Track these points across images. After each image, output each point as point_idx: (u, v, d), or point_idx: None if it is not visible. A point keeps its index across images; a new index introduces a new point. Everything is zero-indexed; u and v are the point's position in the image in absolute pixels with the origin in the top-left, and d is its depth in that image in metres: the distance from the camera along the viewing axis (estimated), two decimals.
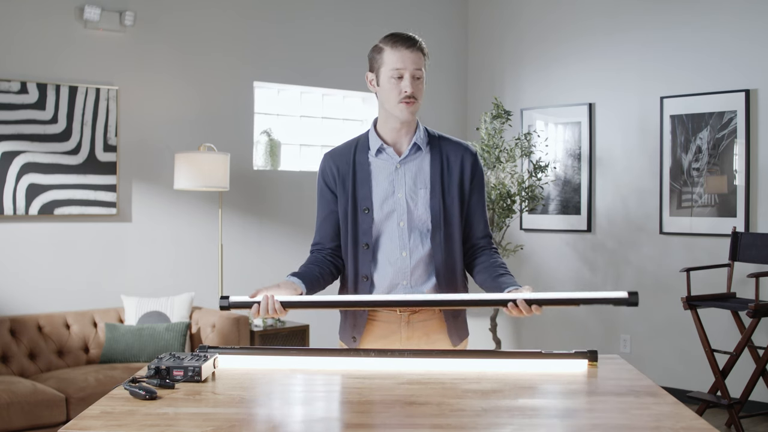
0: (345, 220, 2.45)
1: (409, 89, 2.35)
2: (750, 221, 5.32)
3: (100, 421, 1.67)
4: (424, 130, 2.47)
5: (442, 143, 2.47)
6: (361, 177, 2.43)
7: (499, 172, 5.61)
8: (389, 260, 2.42)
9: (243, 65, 5.66)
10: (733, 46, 5.40)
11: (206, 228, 5.47)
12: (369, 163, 2.44)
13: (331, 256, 2.49)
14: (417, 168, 2.44)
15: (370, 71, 2.44)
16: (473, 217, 2.48)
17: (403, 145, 2.45)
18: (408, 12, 6.47)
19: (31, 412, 4.04)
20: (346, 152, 2.48)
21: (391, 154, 2.44)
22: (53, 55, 4.92)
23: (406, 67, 2.35)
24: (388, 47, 2.37)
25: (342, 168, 2.46)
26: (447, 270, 2.43)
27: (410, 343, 2.44)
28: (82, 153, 4.98)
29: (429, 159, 2.44)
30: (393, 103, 2.38)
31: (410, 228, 2.42)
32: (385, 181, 2.43)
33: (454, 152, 2.46)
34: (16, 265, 4.80)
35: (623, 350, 5.91)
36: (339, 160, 2.47)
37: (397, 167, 2.43)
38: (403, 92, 2.35)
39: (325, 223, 2.49)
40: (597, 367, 2.14)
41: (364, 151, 2.46)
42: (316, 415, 1.79)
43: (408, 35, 2.38)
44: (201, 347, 2.19)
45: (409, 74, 2.35)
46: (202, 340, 4.91)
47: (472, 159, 2.47)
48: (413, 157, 2.44)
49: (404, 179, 2.43)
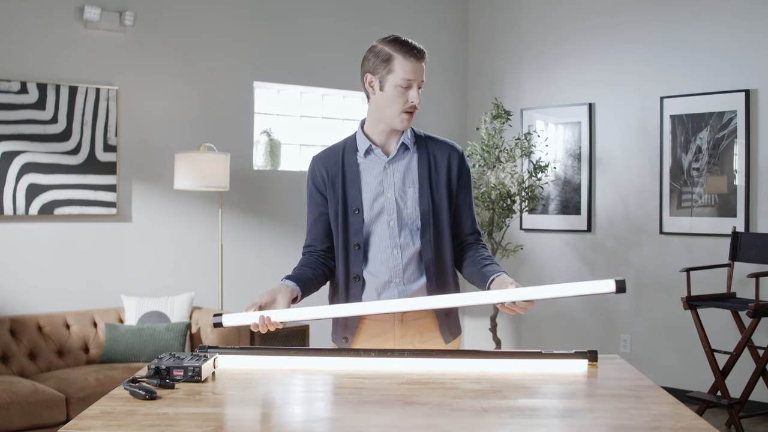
0: (336, 222, 2.46)
1: (416, 100, 2.36)
2: (750, 221, 5.32)
3: (100, 421, 1.67)
4: (410, 130, 2.48)
5: (428, 143, 2.49)
6: (351, 178, 2.45)
7: (499, 172, 5.61)
8: (381, 259, 2.43)
9: (243, 65, 5.66)
10: (733, 46, 5.40)
11: (206, 228, 5.48)
12: (358, 164, 2.46)
13: (323, 257, 2.50)
14: (405, 167, 2.45)
15: (371, 74, 2.40)
16: (461, 214, 2.50)
17: (391, 146, 2.46)
18: (408, 12, 6.47)
19: (31, 412, 4.04)
20: (334, 154, 2.49)
21: (379, 154, 2.45)
22: (53, 55, 4.92)
23: (416, 78, 2.36)
24: (399, 56, 2.35)
25: (331, 170, 2.47)
26: (438, 267, 2.45)
27: (404, 342, 2.45)
28: (82, 153, 4.98)
29: (416, 158, 2.46)
30: (395, 112, 2.38)
31: (400, 226, 2.43)
32: (374, 181, 2.44)
33: (440, 151, 2.48)
34: (16, 265, 4.80)
35: (623, 350, 5.91)
36: (328, 162, 2.48)
37: (386, 167, 2.45)
38: (410, 103, 2.36)
39: (316, 225, 2.50)
40: (597, 367, 2.14)
41: (352, 153, 2.47)
42: (316, 415, 1.79)
43: (416, 45, 2.38)
44: (201, 347, 2.19)
45: (416, 85, 2.36)
46: (202, 340, 4.91)
47: (459, 157, 2.49)
48: (401, 157, 2.46)
49: (393, 179, 2.44)
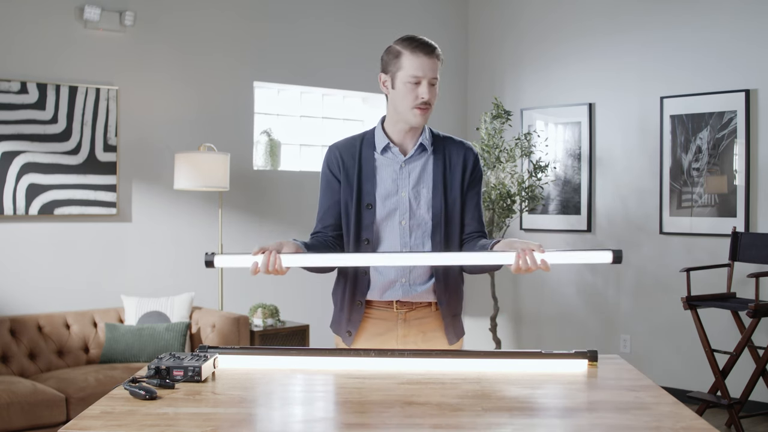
0: (347, 214, 2.45)
1: (426, 96, 2.35)
2: (750, 221, 5.32)
3: (100, 421, 1.67)
4: (429, 131, 2.49)
5: (445, 143, 2.49)
6: (367, 172, 2.45)
7: (499, 172, 5.61)
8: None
9: (243, 65, 5.66)
10: (733, 46, 5.40)
11: (206, 228, 5.47)
12: (374, 159, 2.46)
13: (332, 242, 2.47)
14: (421, 168, 2.45)
15: (384, 72, 2.42)
16: (468, 213, 2.48)
17: (409, 146, 2.46)
18: (408, 12, 6.47)
19: (31, 412, 4.04)
20: (352, 146, 2.49)
21: (396, 153, 2.45)
22: (53, 55, 4.92)
23: (425, 74, 2.34)
24: (407, 52, 2.34)
25: (347, 160, 2.46)
26: (446, 269, 2.44)
27: (406, 341, 2.45)
28: (82, 153, 4.98)
29: (432, 159, 2.46)
30: (407, 108, 2.37)
31: (412, 227, 2.43)
32: (389, 179, 2.44)
33: (456, 152, 2.48)
34: (16, 265, 4.80)
35: (623, 350, 5.91)
36: (345, 153, 2.48)
37: (402, 166, 2.45)
38: (420, 98, 2.35)
39: (329, 213, 2.48)
40: (597, 367, 2.14)
41: (369, 147, 2.47)
42: (316, 415, 1.79)
43: (426, 41, 2.37)
44: (201, 347, 2.19)
45: (426, 81, 2.35)
46: (202, 340, 4.91)
47: (474, 158, 2.50)
48: (418, 157, 2.46)
49: (408, 179, 2.44)
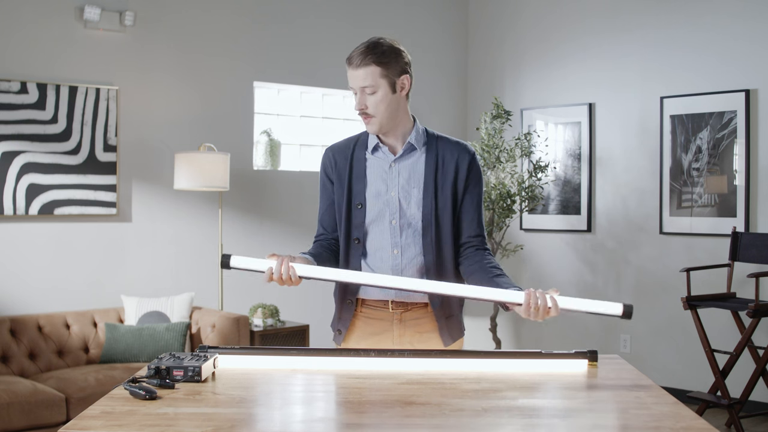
0: (339, 214, 2.48)
1: (358, 106, 2.39)
2: (750, 221, 5.32)
3: (100, 421, 1.67)
4: (423, 130, 2.48)
5: (439, 143, 2.47)
6: (357, 173, 2.46)
7: (499, 172, 5.61)
8: (380, 257, 2.43)
9: (243, 65, 5.66)
10: (733, 46, 5.40)
11: (206, 228, 5.47)
12: (365, 159, 2.47)
13: (336, 246, 2.51)
14: (411, 167, 2.45)
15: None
16: (465, 215, 2.46)
17: (399, 145, 2.46)
18: (408, 12, 6.47)
19: (31, 412, 4.04)
20: (346, 148, 2.52)
21: (386, 152, 2.45)
22: (53, 55, 4.92)
23: (355, 84, 2.39)
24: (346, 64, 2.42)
25: (340, 162, 2.49)
26: (438, 270, 2.43)
27: (402, 341, 2.45)
28: (82, 153, 4.98)
29: (424, 159, 2.45)
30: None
31: (402, 227, 2.43)
32: (379, 179, 2.45)
33: (450, 152, 2.45)
34: (16, 265, 4.80)
35: (623, 350, 5.91)
36: (338, 154, 2.51)
37: (391, 166, 2.45)
38: (356, 109, 2.41)
39: (328, 214, 2.52)
40: (597, 367, 2.14)
41: (362, 148, 2.49)
42: (315, 415, 1.79)
43: (355, 52, 2.39)
44: (201, 347, 2.19)
45: (358, 91, 2.39)
46: (202, 340, 4.91)
47: (469, 158, 2.46)
48: (407, 157, 2.45)
49: (398, 178, 2.44)
